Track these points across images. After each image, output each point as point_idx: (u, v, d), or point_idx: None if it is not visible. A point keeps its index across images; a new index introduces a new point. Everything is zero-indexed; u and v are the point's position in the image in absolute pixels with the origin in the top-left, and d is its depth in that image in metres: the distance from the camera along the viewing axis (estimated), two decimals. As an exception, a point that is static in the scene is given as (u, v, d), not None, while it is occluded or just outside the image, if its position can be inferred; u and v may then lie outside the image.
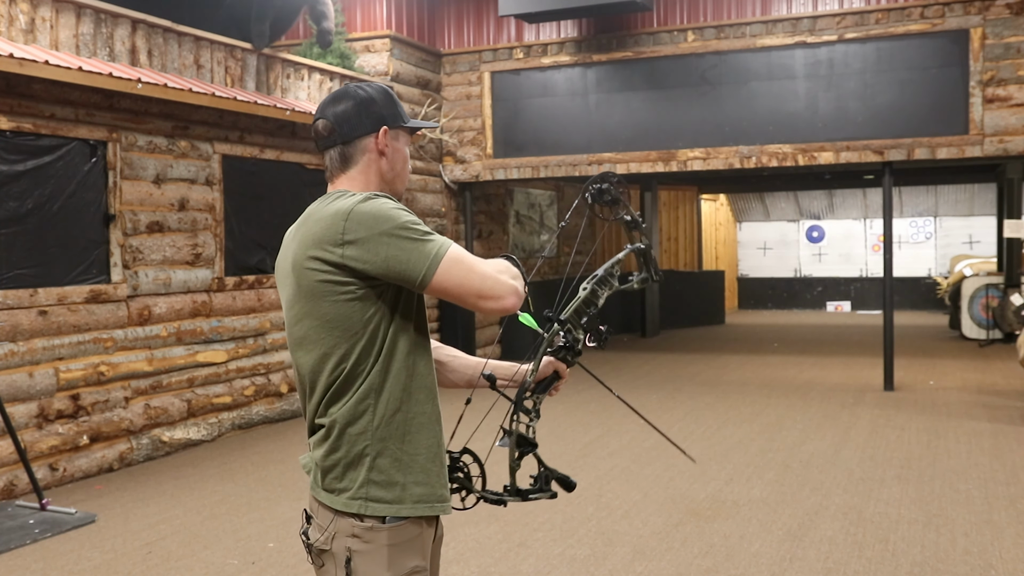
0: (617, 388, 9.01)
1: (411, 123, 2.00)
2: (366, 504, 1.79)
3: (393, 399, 1.81)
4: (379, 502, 1.79)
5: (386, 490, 1.80)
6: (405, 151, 1.99)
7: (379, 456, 1.80)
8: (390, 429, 1.81)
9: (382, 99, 1.95)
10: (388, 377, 1.81)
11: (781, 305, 19.13)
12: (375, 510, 1.79)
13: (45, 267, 5.70)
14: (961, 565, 4.08)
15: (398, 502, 1.80)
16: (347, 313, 1.78)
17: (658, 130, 9.48)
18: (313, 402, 1.85)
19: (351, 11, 9.63)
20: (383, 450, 1.80)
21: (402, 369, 1.82)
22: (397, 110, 1.97)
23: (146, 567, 4.27)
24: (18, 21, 5.70)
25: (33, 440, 5.53)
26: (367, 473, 1.79)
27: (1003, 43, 8.28)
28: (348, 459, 1.80)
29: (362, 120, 1.91)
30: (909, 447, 6.32)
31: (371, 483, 1.79)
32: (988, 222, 17.14)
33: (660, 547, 4.39)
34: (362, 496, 1.79)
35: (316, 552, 1.84)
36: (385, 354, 1.81)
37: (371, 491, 1.79)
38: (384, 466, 1.80)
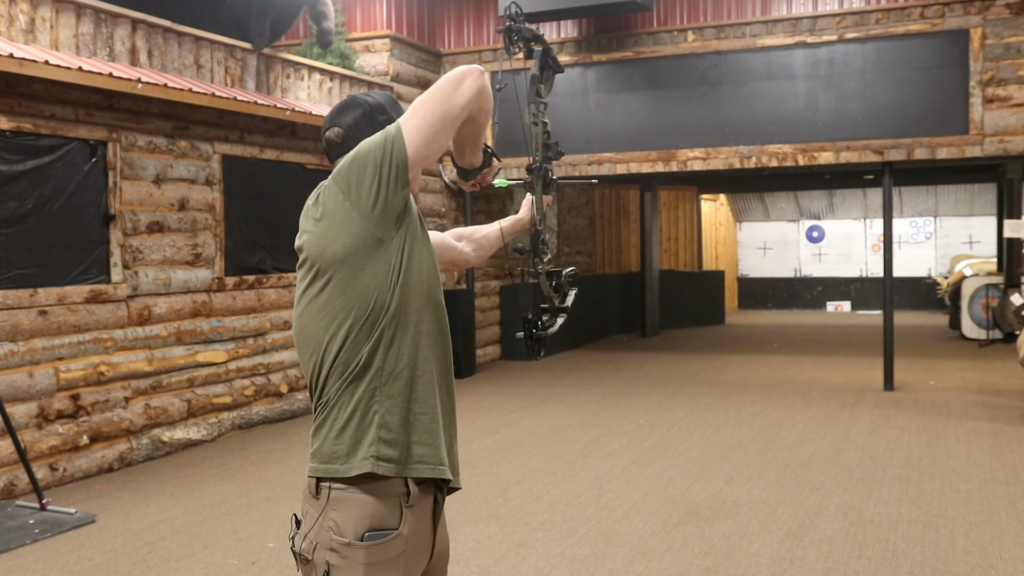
0: (617, 388, 9.03)
1: None
2: (377, 463, 1.78)
3: (401, 357, 1.81)
4: (388, 461, 1.79)
5: (394, 449, 1.80)
6: None
7: (388, 414, 1.80)
8: (397, 387, 1.81)
9: (390, 105, 2.00)
10: (396, 336, 1.81)
11: (781, 305, 19.13)
12: (385, 469, 1.78)
13: (45, 267, 5.70)
14: (961, 565, 4.08)
15: (403, 462, 1.80)
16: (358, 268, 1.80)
17: (658, 130, 9.48)
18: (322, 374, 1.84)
19: (351, 11, 9.63)
20: (392, 407, 1.81)
21: (410, 328, 1.82)
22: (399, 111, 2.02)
23: (146, 567, 4.27)
24: (18, 21, 5.70)
25: (33, 440, 5.53)
26: (376, 431, 1.79)
27: (1003, 43, 8.28)
28: (357, 420, 1.80)
29: (374, 127, 1.94)
30: (909, 447, 6.32)
31: (381, 441, 1.79)
32: (988, 222, 17.15)
33: (660, 547, 4.39)
34: (372, 455, 1.78)
35: (301, 560, 1.83)
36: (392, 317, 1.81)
37: (381, 450, 1.79)
38: (393, 424, 1.80)
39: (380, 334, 1.81)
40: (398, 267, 1.81)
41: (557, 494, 5.33)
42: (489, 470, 5.91)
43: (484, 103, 1.87)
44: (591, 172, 9.80)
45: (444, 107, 1.80)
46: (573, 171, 9.88)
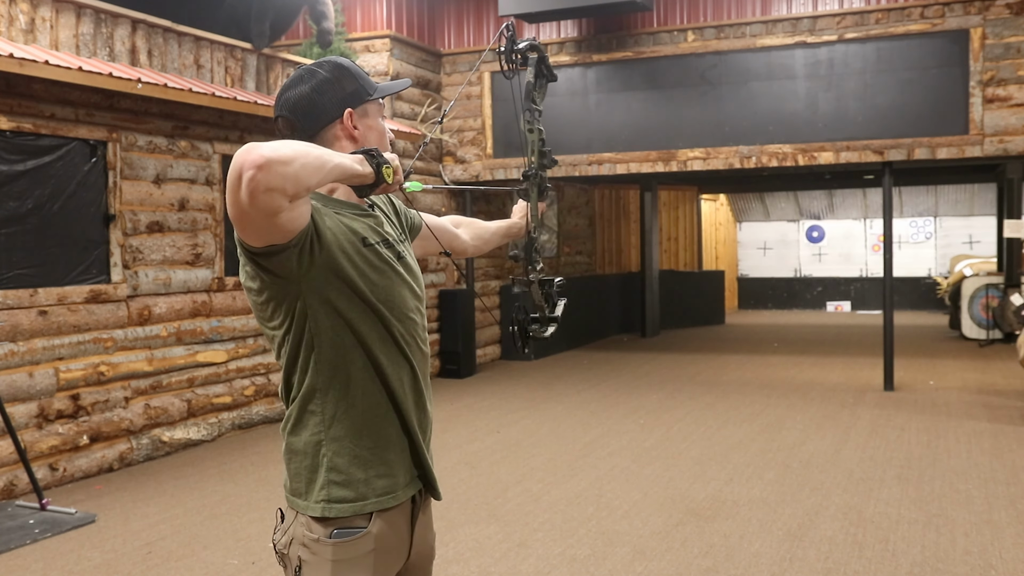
0: (617, 388, 9.03)
1: (378, 92, 1.83)
2: (329, 506, 1.74)
3: (339, 396, 1.74)
4: (342, 502, 1.74)
5: (347, 488, 1.75)
6: (379, 124, 1.84)
7: (336, 456, 1.75)
8: (342, 428, 1.74)
9: (338, 76, 1.78)
10: (332, 374, 1.73)
11: (781, 305, 19.13)
12: (339, 511, 1.74)
13: (45, 267, 5.70)
14: (961, 565, 4.08)
15: (362, 499, 1.75)
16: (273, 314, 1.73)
17: (658, 130, 9.48)
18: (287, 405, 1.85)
19: (351, 11, 9.63)
20: (339, 450, 1.75)
21: (342, 363, 1.73)
22: (359, 84, 1.81)
23: (146, 567, 4.27)
24: (18, 21, 5.70)
25: (33, 440, 5.53)
26: (326, 474, 1.74)
27: (1003, 43, 8.28)
28: (307, 462, 1.76)
29: (324, 107, 1.76)
30: (909, 447, 6.32)
31: (331, 484, 1.74)
32: (988, 222, 17.14)
33: (660, 547, 4.39)
34: (324, 499, 1.74)
35: (279, 555, 1.82)
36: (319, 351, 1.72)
37: (332, 492, 1.74)
38: (342, 465, 1.75)
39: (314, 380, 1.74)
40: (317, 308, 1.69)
41: (557, 494, 5.33)
42: (489, 470, 5.91)
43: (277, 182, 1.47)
44: (591, 172, 9.81)
45: (236, 210, 1.51)
46: (573, 171, 9.89)
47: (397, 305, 1.79)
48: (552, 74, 2.32)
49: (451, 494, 5.31)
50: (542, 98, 2.29)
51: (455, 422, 7.36)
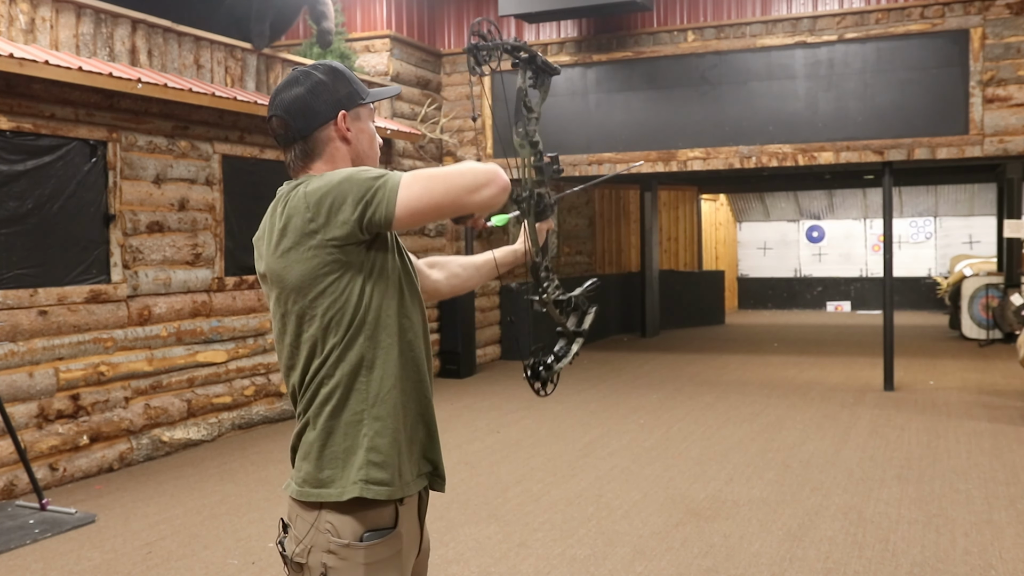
0: (617, 388, 9.03)
1: (370, 97, 1.88)
2: (367, 487, 1.72)
3: (387, 375, 1.76)
4: (380, 484, 1.73)
5: (385, 471, 1.74)
6: (370, 128, 1.88)
7: (377, 435, 1.75)
8: (385, 408, 1.75)
9: (334, 80, 1.83)
10: (378, 353, 1.75)
11: (781, 305, 19.13)
12: (376, 493, 1.73)
13: (45, 267, 5.70)
14: (961, 565, 4.08)
15: (395, 484, 1.75)
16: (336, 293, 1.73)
17: (658, 130, 9.48)
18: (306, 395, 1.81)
19: (351, 11, 9.63)
20: (381, 429, 1.75)
21: (392, 344, 1.77)
22: (353, 87, 1.85)
23: (146, 567, 4.27)
24: (18, 21, 5.70)
25: (33, 440, 5.53)
26: (365, 454, 1.73)
27: (1003, 43, 8.28)
28: (346, 444, 1.75)
29: (318, 108, 1.80)
30: (909, 447, 6.32)
31: (371, 464, 1.73)
32: (988, 222, 17.14)
33: (660, 547, 4.39)
34: (362, 478, 1.72)
35: (292, 564, 1.79)
36: (370, 329, 1.75)
37: (371, 473, 1.73)
38: (383, 446, 1.75)
39: (360, 357, 1.75)
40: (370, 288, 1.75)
41: (557, 494, 5.33)
42: (489, 470, 5.91)
43: (493, 205, 1.76)
44: (591, 172, 9.80)
45: (453, 197, 1.70)
46: (573, 171, 9.89)
47: (418, 297, 1.88)
48: (552, 67, 2.18)
49: (451, 494, 5.31)
50: (543, 98, 2.17)
51: (455, 422, 7.36)
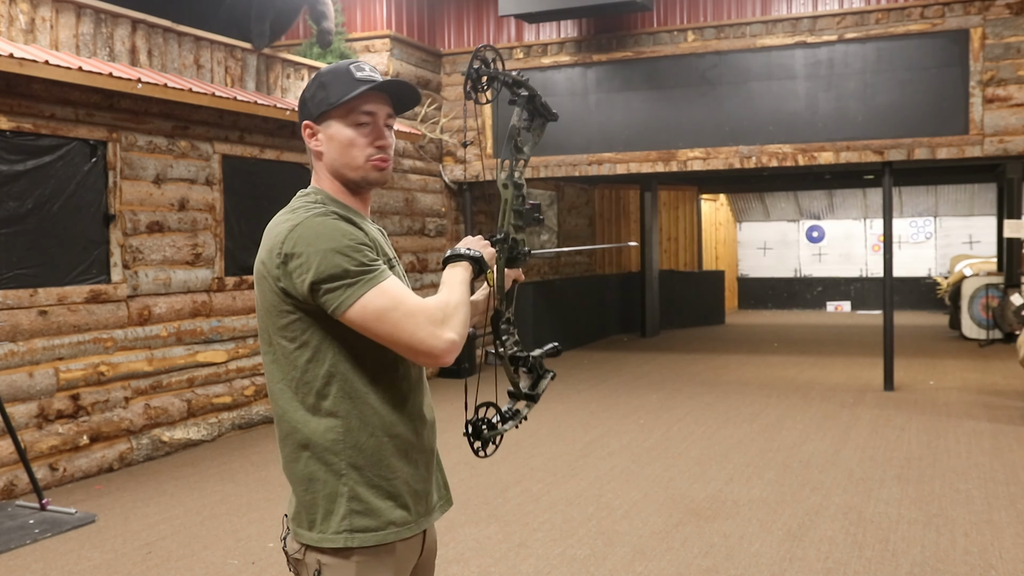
0: (617, 388, 9.03)
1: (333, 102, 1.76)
2: (352, 536, 1.72)
3: (364, 425, 1.72)
4: (364, 531, 1.72)
5: (368, 519, 1.73)
6: (345, 134, 1.77)
7: (356, 485, 1.72)
8: (363, 456, 1.72)
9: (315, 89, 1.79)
10: (353, 402, 1.72)
11: (781, 305, 19.13)
12: (362, 540, 1.72)
13: (45, 267, 5.70)
14: (961, 565, 4.08)
15: (383, 528, 1.74)
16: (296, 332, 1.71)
17: (658, 130, 9.48)
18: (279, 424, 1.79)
19: (351, 11, 9.64)
20: (359, 479, 1.72)
21: (368, 392, 1.73)
22: (324, 93, 1.77)
23: (146, 567, 4.27)
24: (18, 21, 5.70)
25: (33, 440, 5.53)
26: (347, 504, 1.72)
27: (1003, 43, 8.28)
28: (322, 494, 1.73)
29: (301, 119, 1.83)
30: (909, 447, 6.32)
31: (353, 513, 1.72)
32: (988, 222, 17.14)
33: (660, 547, 4.39)
34: (346, 528, 1.72)
35: (292, 560, 1.81)
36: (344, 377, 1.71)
37: (354, 521, 1.72)
38: (364, 495, 1.73)
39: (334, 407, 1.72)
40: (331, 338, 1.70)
41: (557, 494, 5.33)
42: (489, 470, 5.91)
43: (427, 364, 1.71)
44: (591, 172, 9.80)
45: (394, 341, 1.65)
46: (573, 171, 9.89)
47: None
48: (550, 113, 2.06)
49: (451, 494, 5.31)
50: (536, 142, 2.04)
51: (455, 422, 7.34)
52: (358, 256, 1.65)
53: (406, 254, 9.71)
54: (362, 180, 1.80)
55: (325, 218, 1.69)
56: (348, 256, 1.64)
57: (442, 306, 1.69)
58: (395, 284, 1.67)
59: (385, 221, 9.33)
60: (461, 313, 1.70)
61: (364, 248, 1.67)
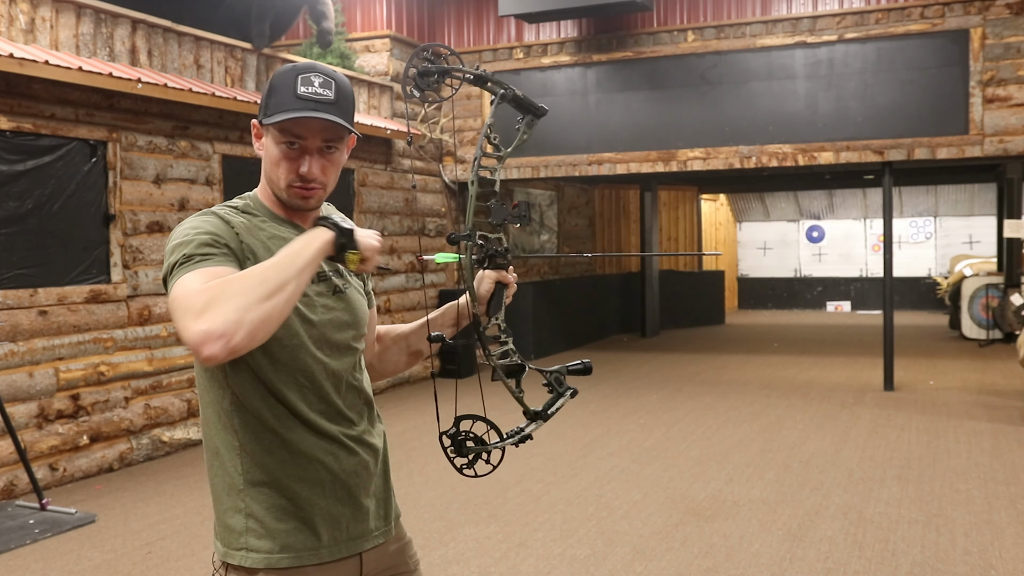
0: (617, 388, 9.03)
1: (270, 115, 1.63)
2: (247, 555, 1.64)
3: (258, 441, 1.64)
4: (258, 552, 1.64)
5: (265, 539, 1.64)
6: (273, 151, 1.65)
7: (254, 502, 1.65)
8: (262, 474, 1.64)
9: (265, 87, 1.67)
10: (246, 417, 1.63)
11: (781, 305, 19.13)
12: (254, 561, 1.64)
13: (45, 267, 5.70)
14: (961, 565, 4.08)
15: (280, 551, 1.64)
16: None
17: (658, 130, 9.48)
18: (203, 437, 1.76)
19: (351, 11, 9.63)
20: (257, 496, 1.64)
21: (261, 409, 1.63)
22: (268, 101, 1.64)
23: (146, 567, 4.27)
24: (18, 21, 5.70)
25: (33, 440, 5.53)
26: (244, 521, 1.65)
27: (1003, 43, 8.28)
28: (223, 507, 1.67)
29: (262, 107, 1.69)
30: (909, 447, 6.32)
31: (249, 531, 1.65)
32: (988, 222, 17.15)
33: (660, 547, 4.39)
34: (243, 546, 1.65)
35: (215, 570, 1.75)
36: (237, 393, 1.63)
37: (250, 540, 1.65)
38: (260, 514, 1.64)
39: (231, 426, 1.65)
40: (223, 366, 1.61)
41: (557, 494, 5.33)
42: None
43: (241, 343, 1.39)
44: (591, 172, 9.80)
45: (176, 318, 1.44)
46: (573, 171, 9.89)
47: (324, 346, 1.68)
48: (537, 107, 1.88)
49: (451, 494, 5.31)
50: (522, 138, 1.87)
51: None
52: (194, 247, 1.51)
53: (406, 254, 9.71)
54: (287, 201, 1.67)
55: (202, 216, 1.60)
56: (185, 245, 1.52)
57: (213, 290, 1.38)
58: (203, 272, 1.46)
59: (385, 221, 9.33)
60: (244, 296, 1.37)
61: (212, 243, 1.53)
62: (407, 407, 7.72)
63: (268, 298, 1.39)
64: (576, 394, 1.86)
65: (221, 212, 1.64)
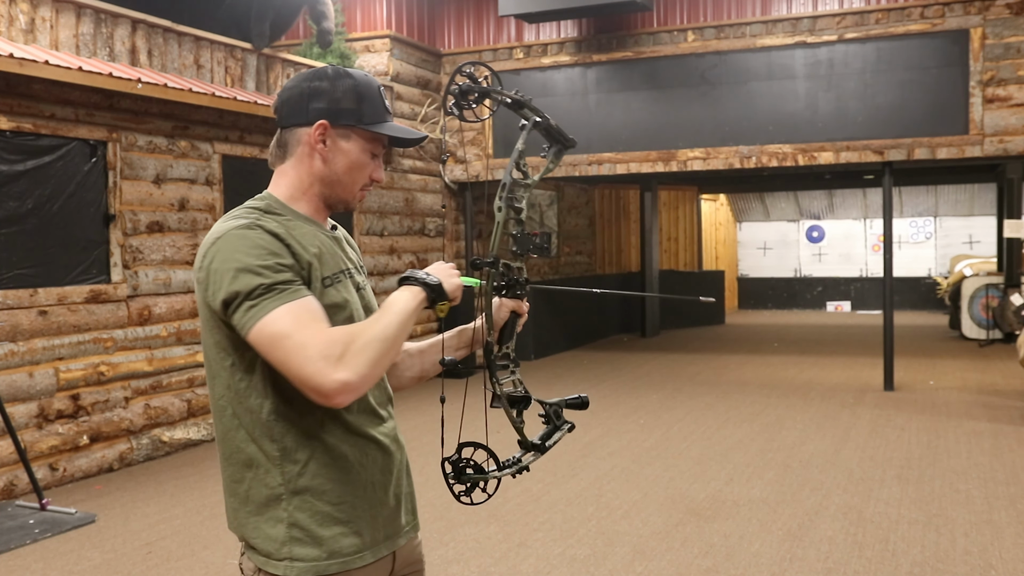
0: (617, 388, 9.03)
1: (376, 128, 1.68)
2: (292, 565, 1.61)
3: (300, 449, 1.61)
4: (304, 560, 1.61)
5: (311, 547, 1.62)
6: (358, 157, 1.69)
7: (298, 511, 1.61)
8: (304, 481, 1.61)
9: (345, 89, 1.67)
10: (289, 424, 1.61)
11: (781, 305, 19.13)
12: (301, 570, 1.61)
13: (45, 267, 5.70)
14: (961, 565, 4.08)
15: (328, 558, 1.62)
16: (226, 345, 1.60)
17: (658, 130, 9.48)
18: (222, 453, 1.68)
19: (351, 11, 9.64)
20: (301, 505, 1.61)
21: (304, 413, 1.60)
22: (362, 107, 1.67)
23: (146, 567, 4.27)
24: (18, 21, 5.70)
25: (33, 440, 5.53)
26: (287, 530, 1.61)
27: (1003, 43, 8.28)
28: (262, 517, 1.63)
29: (307, 107, 1.66)
30: (909, 447, 6.32)
31: (293, 540, 1.61)
32: (988, 222, 17.15)
33: (660, 547, 4.39)
34: (287, 556, 1.61)
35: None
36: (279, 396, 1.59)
37: (295, 550, 1.61)
38: (305, 522, 1.61)
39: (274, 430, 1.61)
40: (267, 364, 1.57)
41: (557, 494, 5.33)
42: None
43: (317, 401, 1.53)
44: (591, 172, 9.81)
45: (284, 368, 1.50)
46: (573, 171, 9.89)
47: None
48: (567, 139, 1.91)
49: (451, 494, 5.30)
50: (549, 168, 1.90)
51: (455, 422, 7.35)
52: (269, 275, 1.52)
53: (406, 254, 9.71)
54: (345, 204, 1.73)
55: (248, 231, 1.57)
56: (257, 274, 1.52)
57: (346, 340, 1.49)
58: (300, 307, 1.51)
59: (385, 221, 9.34)
60: (372, 350, 1.49)
61: (282, 268, 1.55)
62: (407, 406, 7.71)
63: (387, 354, 1.53)
64: (573, 428, 1.87)
65: (259, 222, 1.60)
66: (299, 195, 1.71)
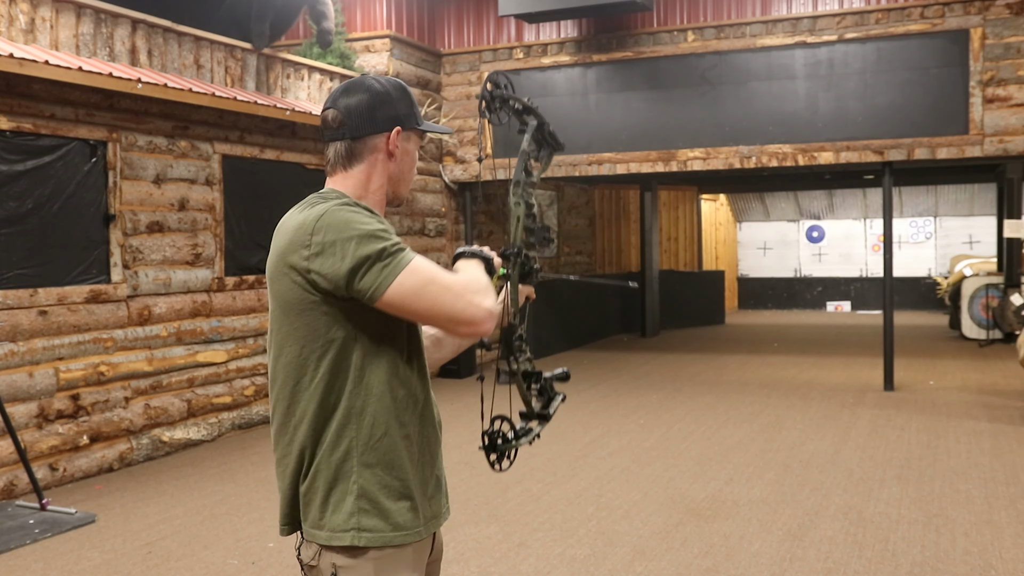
0: (617, 388, 9.03)
1: (426, 126, 1.91)
2: (359, 535, 1.71)
3: (378, 424, 1.73)
4: (371, 531, 1.72)
5: (377, 519, 1.72)
6: (414, 154, 1.91)
7: (366, 484, 1.72)
8: (376, 455, 1.73)
9: (398, 96, 1.86)
10: (369, 400, 1.73)
11: (781, 305, 19.13)
12: (368, 540, 1.71)
13: (45, 267, 5.70)
14: (961, 565, 4.08)
15: (391, 530, 1.73)
16: (319, 328, 1.72)
17: (658, 130, 9.48)
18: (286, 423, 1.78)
19: (351, 11, 9.64)
20: (370, 478, 1.72)
21: (385, 391, 1.74)
22: (413, 110, 1.88)
23: (146, 567, 4.27)
24: (18, 21, 5.70)
25: (33, 440, 5.53)
26: (355, 502, 1.72)
27: (1003, 43, 8.28)
28: (332, 490, 1.73)
29: (375, 117, 1.82)
30: (909, 447, 6.32)
31: (361, 512, 1.72)
32: (988, 222, 17.15)
33: (660, 547, 4.39)
34: (354, 527, 1.71)
35: (307, 568, 1.80)
36: (362, 375, 1.73)
37: (362, 520, 1.72)
38: (373, 494, 1.72)
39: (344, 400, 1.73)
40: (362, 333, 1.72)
41: (557, 494, 5.33)
42: (489, 470, 5.90)
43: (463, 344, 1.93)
44: (591, 172, 9.80)
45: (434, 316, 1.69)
46: (573, 171, 9.89)
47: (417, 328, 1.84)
48: (558, 143, 2.10)
49: (451, 494, 5.29)
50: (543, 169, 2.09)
51: (455, 422, 7.35)
52: (390, 236, 1.69)
53: (406, 254, 9.71)
54: (401, 199, 1.91)
55: (350, 206, 1.73)
56: (380, 238, 1.67)
57: (474, 278, 1.74)
58: (425, 261, 1.70)
59: (385, 221, 9.34)
60: (491, 287, 1.76)
61: (391, 233, 1.72)
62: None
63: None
64: (565, 398, 2.10)
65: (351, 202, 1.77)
66: (365, 194, 1.84)
